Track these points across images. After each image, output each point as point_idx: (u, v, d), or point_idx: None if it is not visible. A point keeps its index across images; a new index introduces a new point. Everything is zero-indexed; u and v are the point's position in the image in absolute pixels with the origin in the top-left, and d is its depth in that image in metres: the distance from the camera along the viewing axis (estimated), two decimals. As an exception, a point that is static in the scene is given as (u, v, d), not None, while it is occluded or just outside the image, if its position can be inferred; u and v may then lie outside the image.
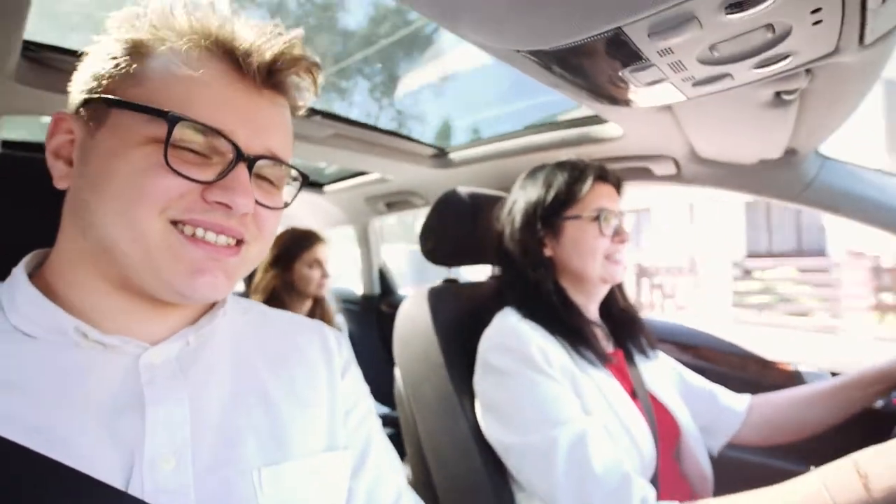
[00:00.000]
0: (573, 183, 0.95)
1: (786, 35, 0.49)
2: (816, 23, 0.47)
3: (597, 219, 0.93)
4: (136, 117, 0.42)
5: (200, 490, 0.43)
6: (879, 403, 1.11)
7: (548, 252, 0.99)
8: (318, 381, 0.57)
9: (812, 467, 0.63)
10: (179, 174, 0.42)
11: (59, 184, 0.46)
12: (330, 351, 0.61)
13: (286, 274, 1.74)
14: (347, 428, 0.58)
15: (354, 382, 0.62)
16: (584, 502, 0.73)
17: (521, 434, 0.82)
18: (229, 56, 0.45)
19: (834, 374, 1.18)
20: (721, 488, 1.01)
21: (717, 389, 1.08)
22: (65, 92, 0.49)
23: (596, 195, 0.95)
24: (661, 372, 1.07)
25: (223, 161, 0.45)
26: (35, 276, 0.48)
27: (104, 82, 0.44)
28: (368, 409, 0.63)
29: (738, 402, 1.06)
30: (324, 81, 0.52)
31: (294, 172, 0.53)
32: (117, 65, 0.44)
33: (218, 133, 0.43)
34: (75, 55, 0.49)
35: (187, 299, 0.45)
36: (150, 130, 0.42)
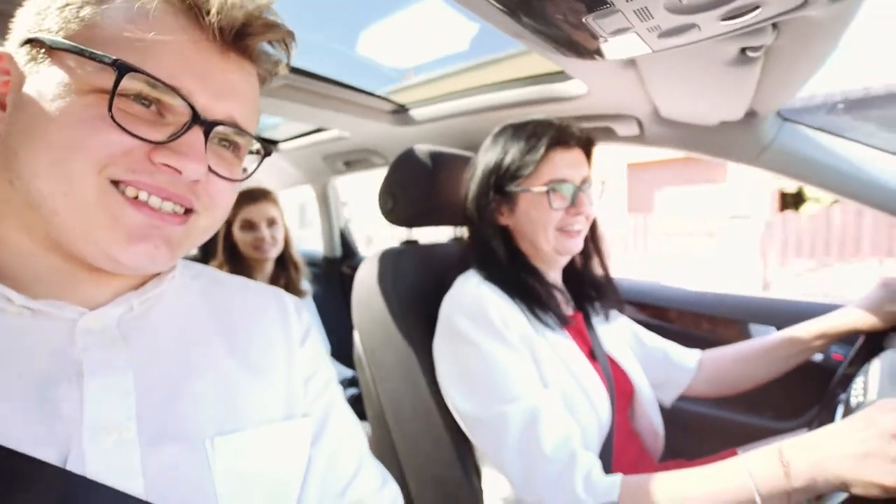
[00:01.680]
0: (527, 152, 0.91)
1: (757, -18, 0.47)
2: (788, -31, 0.44)
3: (549, 192, 0.90)
4: (81, 63, 0.38)
5: (148, 464, 0.41)
6: (818, 357, 1.18)
7: (503, 220, 0.97)
8: (275, 348, 0.56)
9: (738, 450, 0.67)
10: (124, 130, 0.38)
11: None
12: (287, 317, 0.59)
13: (229, 236, 1.67)
14: (307, 396, 0.56)
15: (314, 350, 0.61)
16: (531, 478, 0.76)
17: (477, 405, 0.83)
18: (195, 11, 0.41)
19: (779, 330, 1.24)
20: (671, 440, 1.07)
21: (670, 347, 1.12)
22: None
23: (551, 164, 0.90)
24: (619, 333, 1.09)
25: (177, 122, 0.41)
26: None
27: (49, 22, 0.40)
28: (329, 377, 0.61)
29: (689, 358, 1.11)
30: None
31: (256, 145, 0.49)
32: (67, 4, 0.39)
33: (174, 90, 0.40)
34: None
35: (121, 268, 0.42)
36: (96, 79, 0.38)
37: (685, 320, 1.41)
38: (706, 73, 0.77)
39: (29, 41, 0.40)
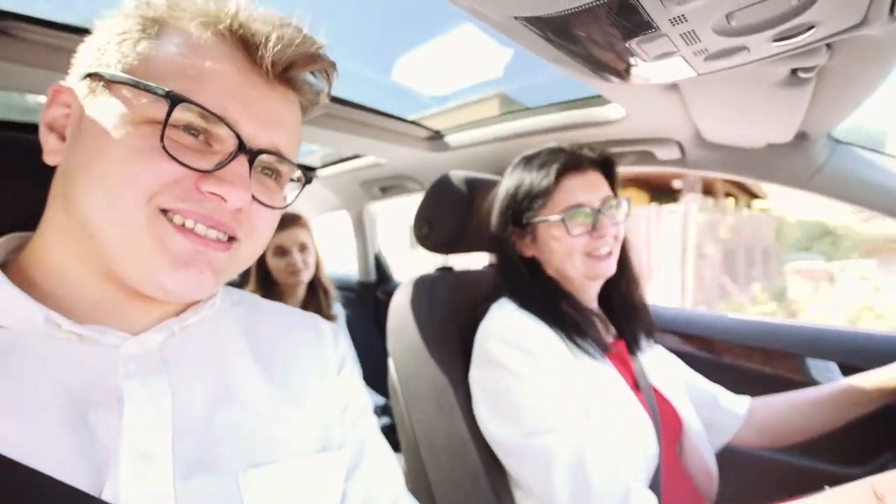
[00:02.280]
0: (539, 182, 0.90)
1: (811, 2, 0.45)
2: (847, -13, 0.42)
3: (563, 220, 0.87)
4: (136, 95, 0.40)
5: (181, 494, 0.40)
6: None
7: (527, 252, 0.96)
8: (311, 376, 0.55)
9: (826, 486, 0.61)
10: (175, 159, 0.40)
11: (49, 158, 0.44)
12: (324, 346, 0.58)
13: (262, 263, 1.70)
14: (343, 426, 0.55)
15: (351, 379, 0.60)
16: None
17: (518, 437, 0.80)
18: (243, 44, 0.43)
19: (840, 366, 1.15)
20: (726, 484, 0.99)
21: (718, 390, 1.06)
22: (32, 65, 0.46)
23: (565, 191, 0.89)
24: (664, 364, 1.03)
25: (223, 151, 0.42)
26: (11, 262, 0.45)
27: (108, 57, 0.42)
28: (365, 408, 0.60)
29: (739, 405, 1.03)
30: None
31: (298, 173, 0.50)
32: (125, 39, 0.42)
33: (221, 120, 0.41)
34: (76, 31, 0.46)
35: (168, 294, 0.42)
36: (150, 111, 0.40)
37: (735, 353, 1.34)
38: (754, 95, 0.75)
39: (89, 75, 0.42)
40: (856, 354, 1.13)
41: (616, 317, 1.01)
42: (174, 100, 0.39)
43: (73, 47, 0.46)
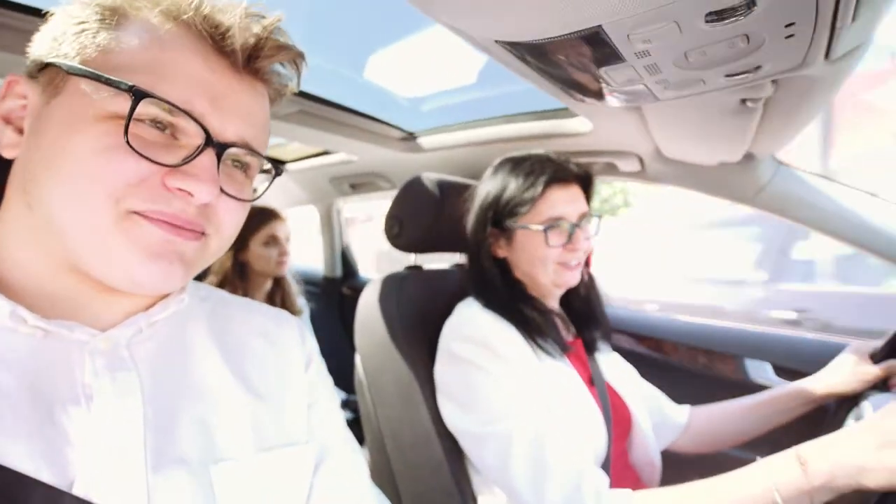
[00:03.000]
0: (525, 189, 0.92)
1: (759, 46, 0.50)
2: (789, 36, 0.48)
3: (548, 229, 0.91)
4: (97, 88, 0.38)
5: (153, 488, 0.40)
6: None
7: (500, 252, 0.99)
8: (279, 373, 0.55)
9: (758, 456, 0.68)
10: (140, 155, 0.38)
11: (6, 152, 0.42)
12: (292, 342, 0.58)
13: (241, 253, 1.68)
14: (310, 422, 0.56)
15: (318, 375, 0.60)
16: (539, 495, 0.75)
17: (480, 424, 0.83)
18: (208, 34, 0.41)
19: (774, 366, 1.25)
20: (666, 474, 1.07)
21: (663, 399, 1.13)
22: (12, 51, 0.44)
23: (549, 203, 0.91)
24: (619, 364, 1.10)
25: (190, 145, 0.41)
26: None
27: (66, 47, 0.40)
28: (332, 404, 0.61)
29: (680, 414, 1.11)
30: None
31: (267, 164, 0.49)
32: (83, 30, 0.40)
33: (187, 114, 0.40)
34: (27, 11, 0.44)
35: (138, 287, 0.41)
36: (112, 105, 0.38)
37: (682, 354, 1.43)
38: (707, 120, 0.81)
39: (46, 66, 0.40)
40: (789, 356, 1.24)
41: (576, 317, 1.06)
42: (138, 94, 0.37)
43: (25, 27, 0.44)
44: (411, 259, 1.21)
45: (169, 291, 0.46)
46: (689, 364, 1.42)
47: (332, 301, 2.36)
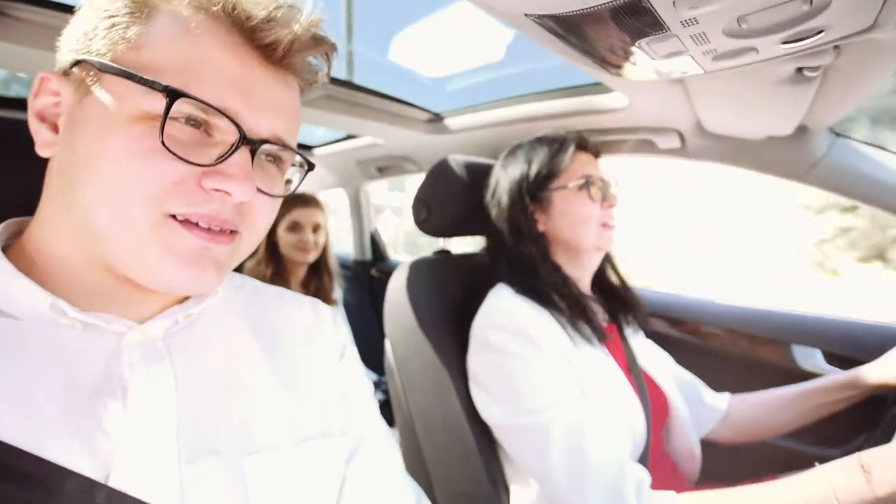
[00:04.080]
0: (554, 155, 0.94)
1: (823, 7, 0.45)
2: (860, -5, 0.42)
3: (584, 186, 0.92)
4: (130, 87, 0.38)
5: (187, 480, 0.41)
6: None
7: (540, 227, 0.96)
8: (313, 363, 0.55)
9: (803, 446, 0.63)
10: (177, 157, 0.38)
11: (43, 151, 0.42)
12: (325, 332, 0.58)
13: (272, 235, 1.70)
14: (344, 412, 0.56)
15: (352, 364, 0.60)
16: (578, 487, 0.73)
17: (517, 415, 0.82)
18: (240, 27, 0.40)
19: (824, 352, 1.18)
20: (708, 465, 1.03)
21: (701, 385, 1.09)
22: (33, 45, 0.44)
23: (579, 164, 0.94)
24: (654, 351, 1.06)
25: (223, 142, 0.41)
26: (12, 246, 0.44)
27: (97, 43, 0.39)
28: (365, 392, 0.60)
29: (719, 401, 1.07)
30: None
31: (299, 159, 0.49)
32: (114, 24, 0.39)
33: (221, 113, 0.39)
34: (57, 7, 0.43)
35: (175, 291, 0.43)
36: (146, 104, 0.38)
37: (722, 338, 1.37)
38: (758, 91, 0.75)
39: (78, 63, 0.40)
40: (839, 342, 1.17)
41: (608, 302, 1.03)
42: (172, 95, 0.37)
43: (54, 24, 0.44)
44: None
45: (203, 293, 0.47)
46: (730, 349, 1.35)
47: (363, 284, 2.38)
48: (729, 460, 1.22)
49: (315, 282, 1.77)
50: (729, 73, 0.68)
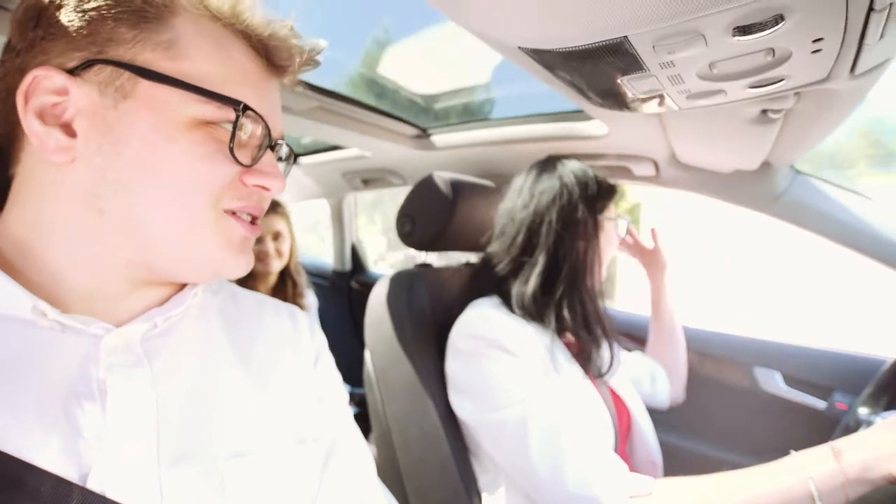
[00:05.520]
0: (609, 185, 0.97)
1: (784, 60, 0.50)
2: (815, 51, 0.48)
3: (617, 224, 0.99)
4: (181, 96, 0.40)
5: (165, 484, 0.41)
6: (822, 405, 1.19)
7: (581, 249, 0.94)
8: (288, 369, 0.55)
9: (792, 451, 0.68)
10: (236, 161, 0.42)
11: (56, 156, 0.39)
12: (301, 338, 0.59)
13: None
14: (318, 418, 0.56)
15: (327, 371, 0.60)
16: (558, 477, 0.75)
17: (495, 410, 0.84)
18: (249, 38, 0.45)
19: (783, 374, 1.25)
20: (669, 474, 1.07)
21: (658, 371, 1.21)
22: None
23: (612, 204, 0.99)
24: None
25: (250, 144, 0.45)
26: None
27: (120, 45, 0.39)
28: (341, 399, 0.61)
29: (663, 376, 1.21)
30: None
31: (286, 150, 0.54)
32: (140, 29, 0.39)
33: (264, 121, 0.45)
34: None
35: (223, 276, 0.47)
36: (200, 112, 0.41)
37: (690, 359, 1.43)
38: (727, 128, 0.81)
39: (95, 63, 0.39)
40: (797, 366, 1.24)
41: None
42: (244, 108, 0.41)
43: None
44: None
45: (245, 274, 0.50)
46: (697, 370, 1.41)
47: (341, 294, 2.38)
48: (688, 471, 1.27)
49: (283, 289, 1.72)
50: (701, 111, 0.73)
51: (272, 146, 0.47)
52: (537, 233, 0.94)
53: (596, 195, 0.94)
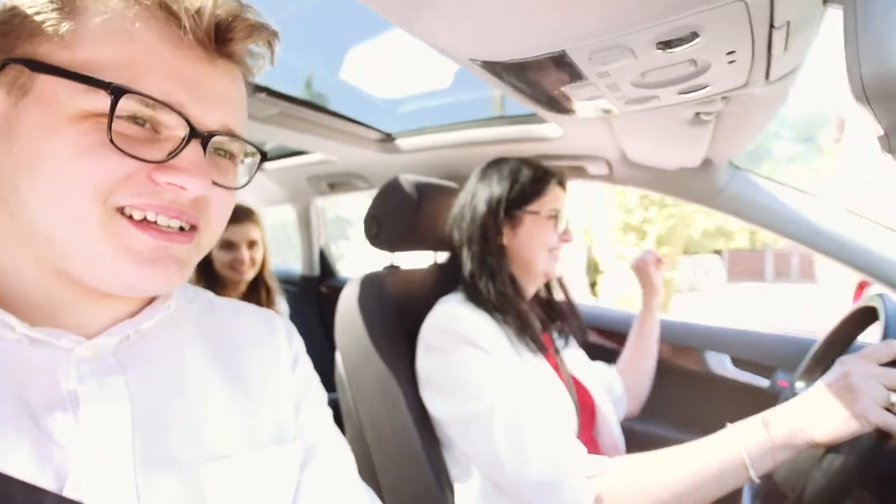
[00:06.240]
0: (537, 181, 1.02)
1: (705, 69, 0.56)
2: (731, 62, 0.54)
3: (553, 217, 1.01)
4: (69, 86, 0.36)
5: (143, 490, 0.40)
6: (765, 384, 1.28)
7: (504, 240, 1.03)
8: (266, 373, 0.55)
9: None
10: (125, 153, 0.37)
11: None
12: (279, 342, 0.59)
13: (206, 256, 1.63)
14: (298, 420, 0.56)
15: (305, 373, 0.60)
16: (521, 467, 0.80)
17: (464, 403, 0.88)
18: (175, 18, 0.39)
19: (732, 358, 1.34)
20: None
21: (614, 378, 1.24)
22: None
23: (554, 196, 1.03)
24: (577, 354, 1.17)
25: (173, 137, 0.40)
26: None
27: (24, 42, 0.37)
28: (320, 401, 0.61)
29: (619, 384, 1.24)
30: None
31: (250, 148, 0.47)
32: (43, 21, 0.37)
33: (168, 107, 0.38)
34: None
35: (136, 292, 0.41)
36: (87, 103, 0.36)
37: None
38: (667, 129, 0.88)
39: (4, 65, 0.38)
40: (746, 349, 1.33)
41: (545, 313, 1.13)
42: (117, 91, 0.36)
43: None
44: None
45: (167, 292, 0.47)
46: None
47: (310, 300, 2.37)
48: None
49: (255, 298, 1.70)
50: (642, 114, 0.79)
51: (202, 140, 0.40)
52: (476, 226, 1.03)
53: (523, 191, 1.02)
